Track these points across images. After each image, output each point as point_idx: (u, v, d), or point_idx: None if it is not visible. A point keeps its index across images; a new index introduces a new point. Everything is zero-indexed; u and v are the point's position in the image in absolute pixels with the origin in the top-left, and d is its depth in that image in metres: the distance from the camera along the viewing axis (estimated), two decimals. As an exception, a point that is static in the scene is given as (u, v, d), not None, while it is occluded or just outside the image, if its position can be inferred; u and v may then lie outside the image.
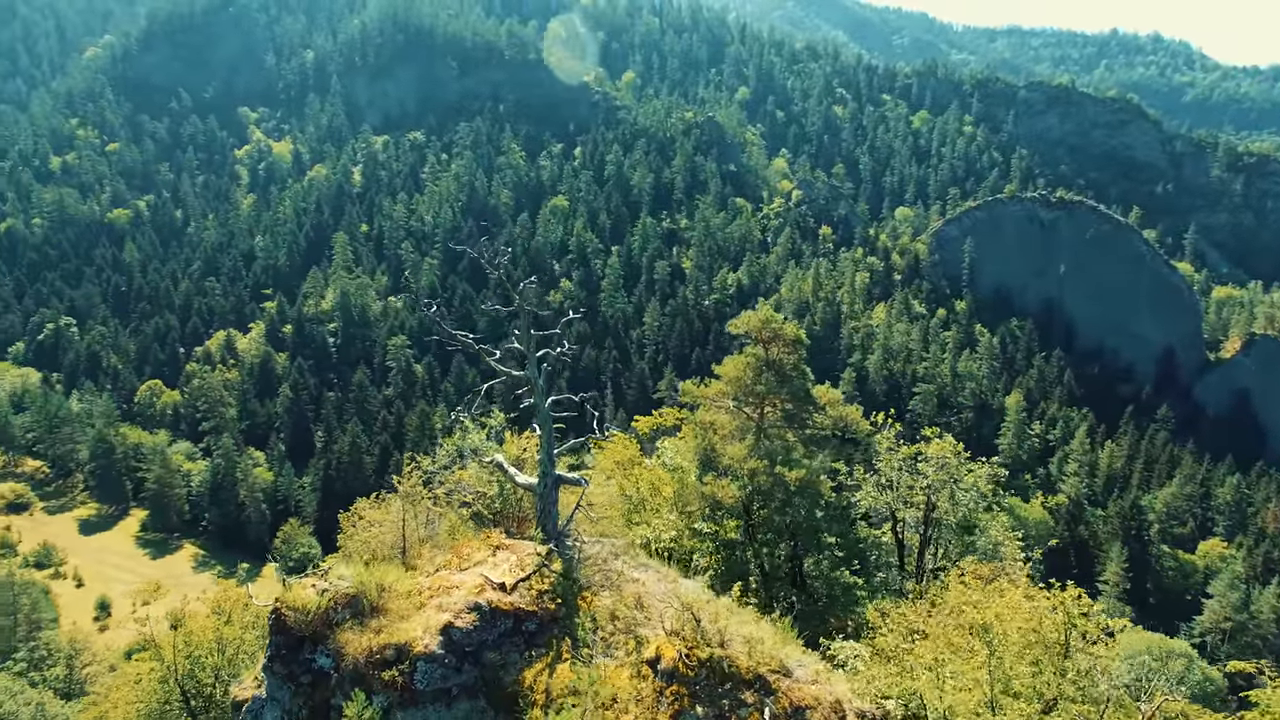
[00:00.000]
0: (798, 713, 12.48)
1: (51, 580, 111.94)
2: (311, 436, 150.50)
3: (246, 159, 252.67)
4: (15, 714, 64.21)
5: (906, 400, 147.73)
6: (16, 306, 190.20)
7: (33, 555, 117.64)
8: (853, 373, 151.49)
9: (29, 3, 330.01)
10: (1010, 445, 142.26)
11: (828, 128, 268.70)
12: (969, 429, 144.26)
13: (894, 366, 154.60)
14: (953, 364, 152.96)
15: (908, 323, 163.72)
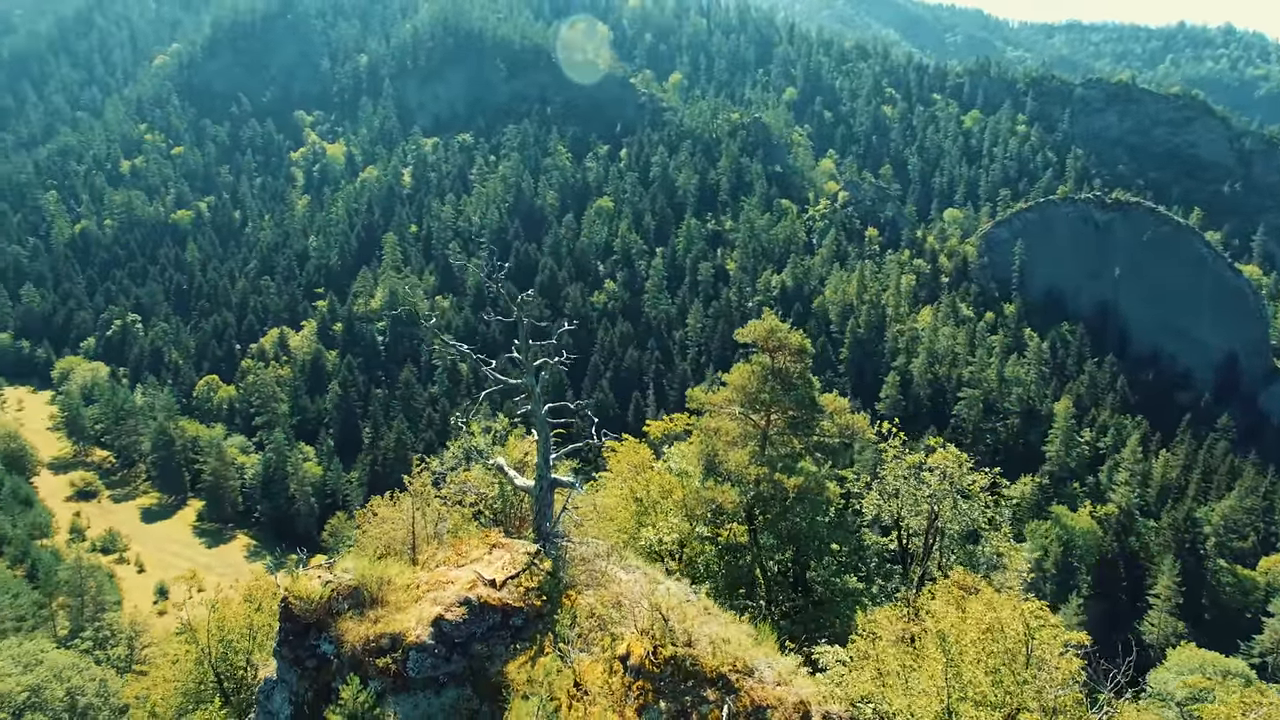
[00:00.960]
0: (758, 711, 13.06)
1: (116, 565, 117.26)
2: (359, 432, 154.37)
3: (302, 161, 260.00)
4: (81, 688, 68.04)
5: (951, 405, 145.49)
6: (88, 304, 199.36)
7: (99, 541, 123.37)
8: (896, 376, 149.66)
9: (105, 14, 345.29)
10: (1058, 452, 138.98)
11: (876, 128, 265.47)
12: (1015, 435, 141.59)
13: (939, 370, 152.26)
14: (999, 369, 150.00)
15: (954, 326, 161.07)
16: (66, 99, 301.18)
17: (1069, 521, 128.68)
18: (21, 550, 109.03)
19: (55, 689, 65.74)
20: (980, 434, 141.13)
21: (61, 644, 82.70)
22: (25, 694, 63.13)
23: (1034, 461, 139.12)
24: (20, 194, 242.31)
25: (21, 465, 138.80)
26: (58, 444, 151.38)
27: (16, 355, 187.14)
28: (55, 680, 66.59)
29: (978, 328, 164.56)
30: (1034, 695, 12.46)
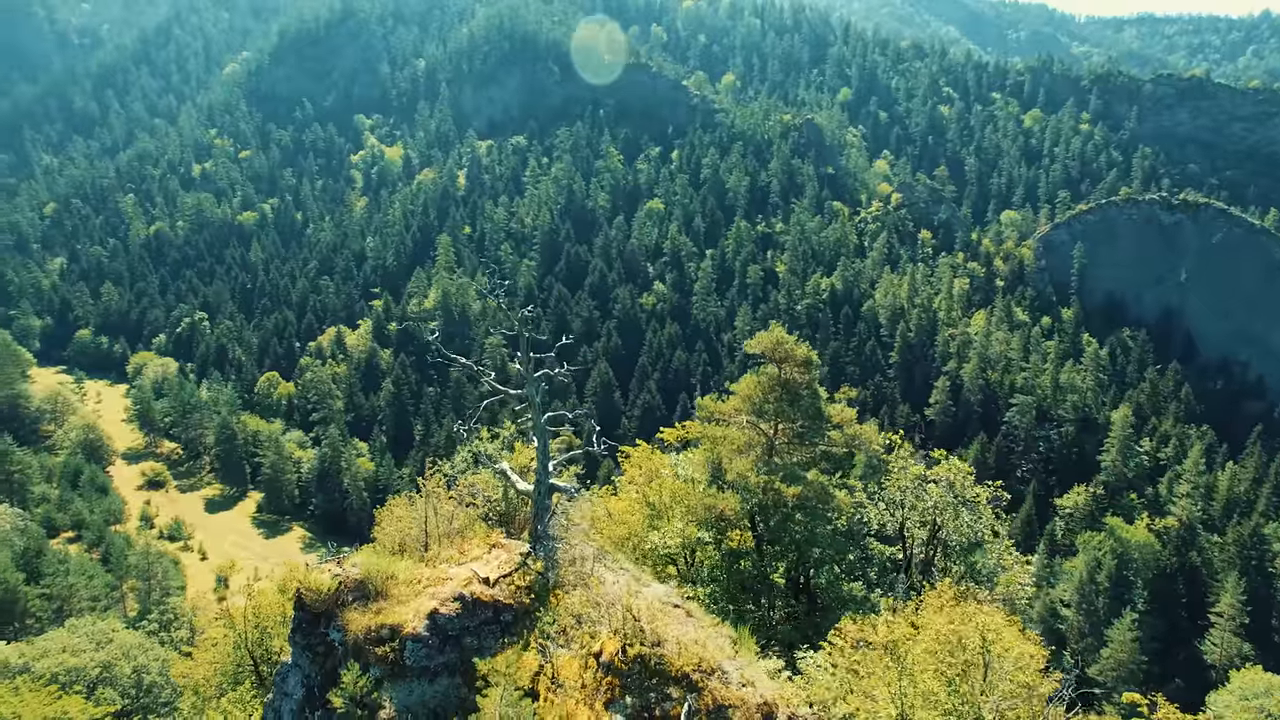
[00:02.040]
0: (720, 709, 13.80)
1: (181, 552, 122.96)
2: (411, 429, 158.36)
3: (361, 164, 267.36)
4: (147, 667, 71.93)
5: (1002, 412, 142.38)
6: (161, 301, 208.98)
7: (166, 528, 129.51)
8: (946, 381, 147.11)
9: (183, 26, 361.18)
10: (1114, 462, 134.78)
11: (932, 128, 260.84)
12: (1069, 443, 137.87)
13: (991, 376, 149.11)
14: (1054, 375, 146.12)
15: (1007, 331, 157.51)
16: (145, 107, 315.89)
17: (1124, 534, 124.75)
18: (98, 535, 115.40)
19: (123, 666, 69.53)
20: (1032, 442, 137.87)
21: (130, 624, 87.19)
22: (97, 669, 66.95)
23: (1088, 471, 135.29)
24: (102, 197, 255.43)
25: (99, 455, 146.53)
26: (131, 435, 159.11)
27: (96, 350, 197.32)
28: (124, 658, 70.43)
29: (1032, 333, 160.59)
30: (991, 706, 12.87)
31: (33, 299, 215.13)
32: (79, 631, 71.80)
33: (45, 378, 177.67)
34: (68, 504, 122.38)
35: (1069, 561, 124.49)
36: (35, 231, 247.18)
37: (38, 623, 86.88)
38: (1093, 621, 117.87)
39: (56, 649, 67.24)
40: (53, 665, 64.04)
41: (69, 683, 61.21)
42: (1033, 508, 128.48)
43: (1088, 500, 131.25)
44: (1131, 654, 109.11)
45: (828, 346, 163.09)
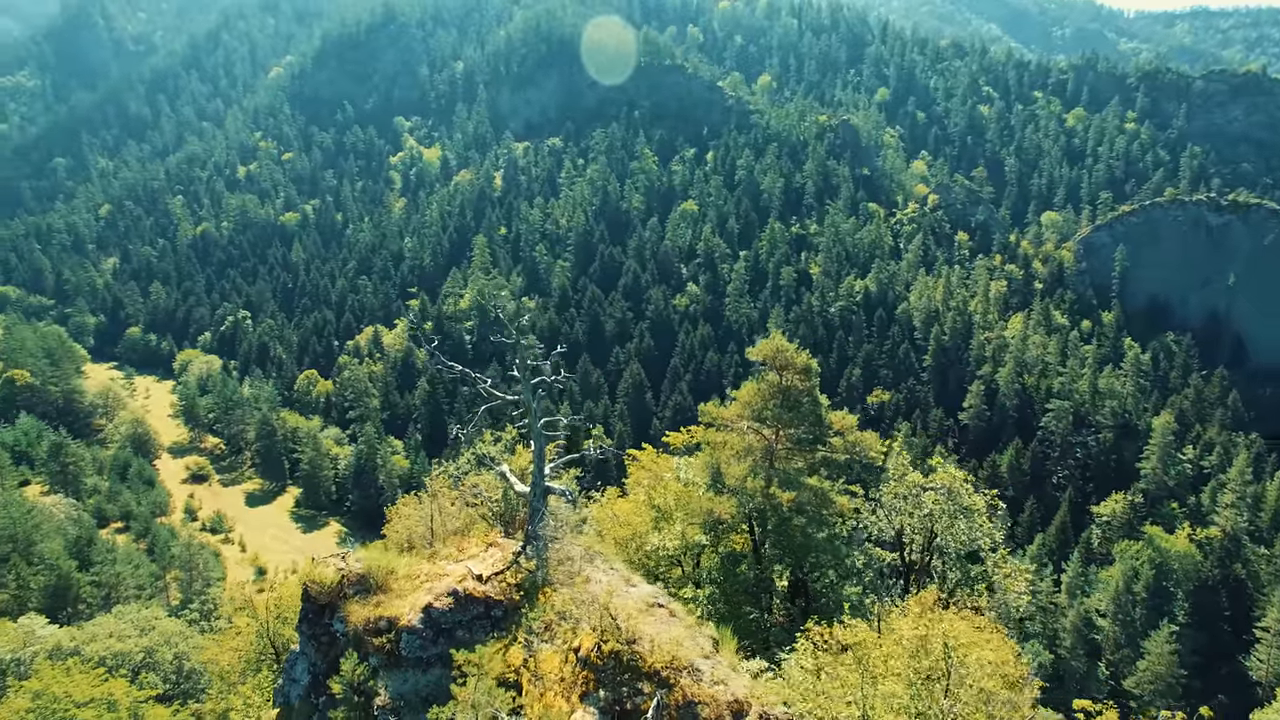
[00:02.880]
0: (689, 705, 14.42)
1: (221, 544, 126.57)
2: (445, 428, 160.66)
3: (399, 165, 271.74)
4: (187, 654, 74.62)
5: (1038, 417, 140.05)
6: (206, 300, 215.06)
7: (208, 521, 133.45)
8: (981, 385, 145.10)
9: (231, 31, 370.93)
10: (1154, 469, 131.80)
11: (971, 128, 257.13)
12: (1107, 450, 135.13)
13: (1027, 381, 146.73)
14: (1093, 380, 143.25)
15: (1044, 335, 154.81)
16: (195, 111, 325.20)
17: (1164, 543, 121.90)
18: (144, 526, 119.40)
19: (165, 653, 72.17)
20: (1069, 448, 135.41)
21: (172, 613, 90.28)
22: (141, 654, 69.63)
23: (1127, 479, 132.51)
24: (153, 199, 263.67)
25: (146, 449, 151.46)
26: (176, 430, 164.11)
27: (145, 347, 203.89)
28: (165, 645, 73.07)
29: (1070, 337, 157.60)
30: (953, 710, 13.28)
31: (88, 297, 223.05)
32: (125, 618, 74.57)
33: (98, 373, 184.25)
34: (117, 495, 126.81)
35: (1105, 570, 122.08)
36: (91, 232, 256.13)
37: (88, 608, 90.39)
38: (1129, 633, 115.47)
39: (104, 634, 69.88)
40: (100, 649, 66.60)
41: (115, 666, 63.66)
42: (1068, 515, 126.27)
43: (1126, 508, 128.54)
44: (1170, 667, 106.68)
45: (860, 349, 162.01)
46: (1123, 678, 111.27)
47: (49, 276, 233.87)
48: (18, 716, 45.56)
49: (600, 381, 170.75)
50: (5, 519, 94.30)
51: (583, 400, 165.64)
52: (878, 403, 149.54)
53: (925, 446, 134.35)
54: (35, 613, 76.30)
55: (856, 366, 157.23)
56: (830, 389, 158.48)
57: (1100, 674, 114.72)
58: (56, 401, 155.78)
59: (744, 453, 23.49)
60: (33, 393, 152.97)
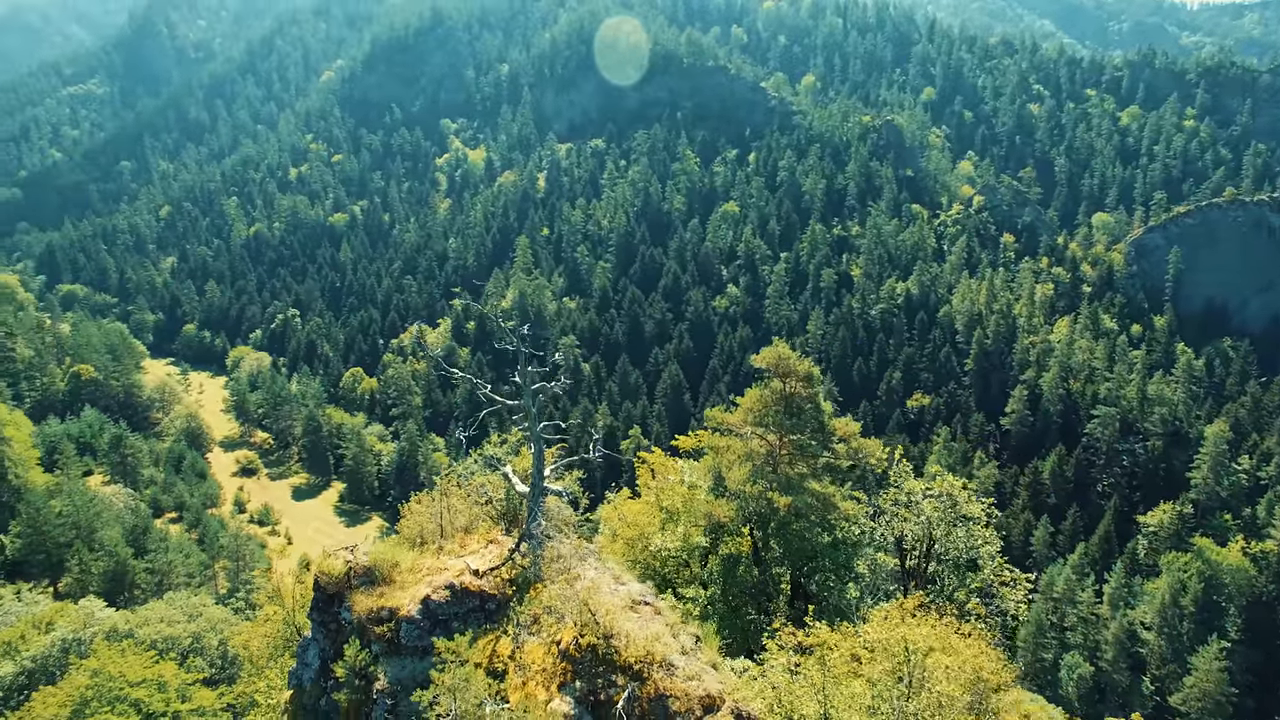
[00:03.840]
0: (660, 698, 15.13)
1: (268, 536, 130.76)
2: (485, 426, 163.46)
3: (445, 166, 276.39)
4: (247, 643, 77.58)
5: (1083, 423, 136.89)
6: (257, 298, 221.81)
7: (256, 513, 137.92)
8: (1024, 391, 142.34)
9: (285, 37, 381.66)
10: (1206, 479, 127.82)
11: (1020, 128, 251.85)
12: (1156, 458, 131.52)
13: (1072, 386, 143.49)
14: (1141, 386, 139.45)
15: (1091, 339, 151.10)
16: (249, 114, 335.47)
17: (1215, 556, 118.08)
18: (196, 517, 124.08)
19: (211, 638, 75.23)
20: (1115, 455, 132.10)
21: (220, 601, 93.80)
22: (189, 639, 72.71)
23: (1176, 488, 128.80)
24: (209, 200, 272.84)
25: (199, 442, 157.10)
26: (228, 425, 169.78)
27: (200, 344, 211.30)
28: (212, 631, 76.16)
29: (1119, 341, 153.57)
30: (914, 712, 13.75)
31: (148, 295, 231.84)
32: (175, 604, 77.78)
33: (156, 369, 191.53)
34: (171, 487, 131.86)
35: (1151, 582, 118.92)
36: (152, 233, 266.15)
37: (142, 594, 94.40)
38: (1176, 647, 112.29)
39: (156, 618, 72.92)
40: (152, 633, 69.58)
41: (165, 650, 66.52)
42: (1112, 524, 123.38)
43: (1174, 519, 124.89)
44: (1219, 685, 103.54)
45: (901, 352, 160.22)
46: (1169, 694, 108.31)
47: (113, 275, 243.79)
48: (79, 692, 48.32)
49: (639, 382, 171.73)
50: (70, 507, 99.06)
51: (621, 400, 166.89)
52: (917, 406, 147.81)
53: (965, 451, 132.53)
54: (95, 596, 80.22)
55: (897, 370, 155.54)
56: (869, 392, 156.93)
57: (1144, 689, 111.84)
58: (118, 395, 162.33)
59: (745, 457, 24.09)
60: (96, 387, 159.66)
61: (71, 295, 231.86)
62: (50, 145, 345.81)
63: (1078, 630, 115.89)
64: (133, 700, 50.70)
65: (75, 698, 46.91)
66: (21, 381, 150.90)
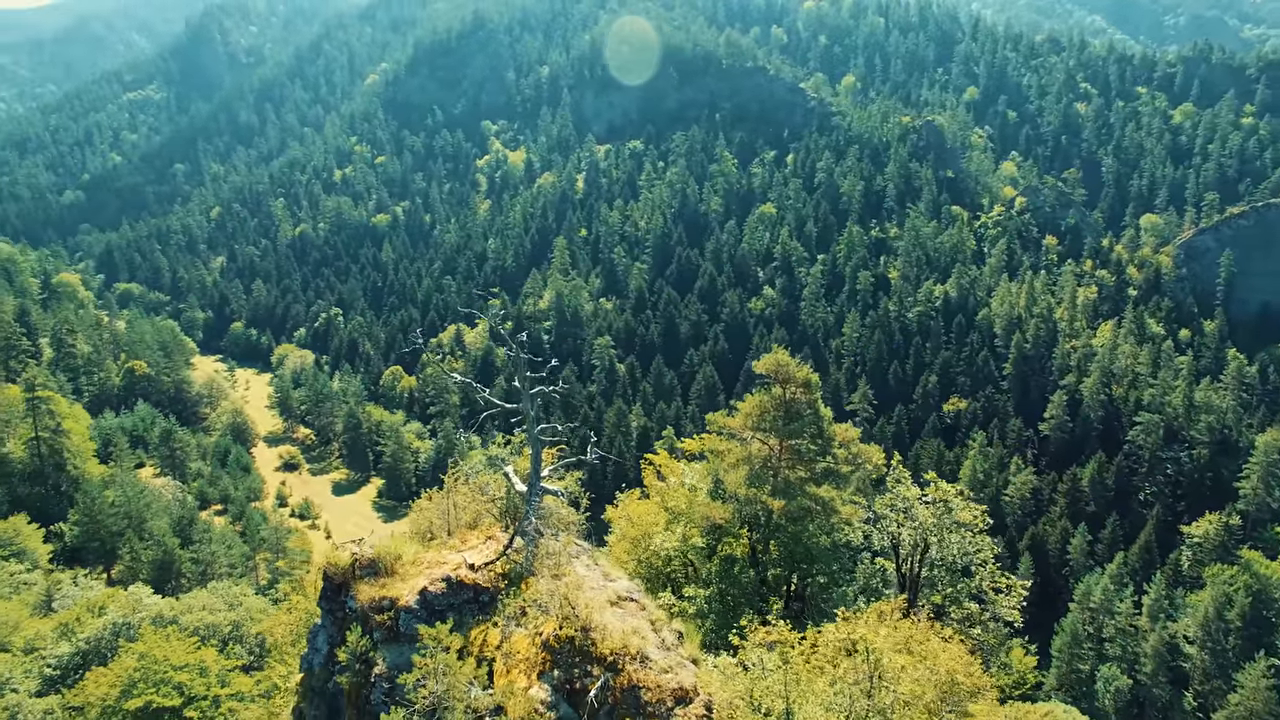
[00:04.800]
0: (633, 689, 15.88)
1: (308, 530, 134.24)
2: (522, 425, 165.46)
3: (486, 168, 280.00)
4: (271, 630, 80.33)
5: (1125, 430, 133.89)
6: (302, 298, 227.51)
7: (297, 508, 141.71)
8: (1064, 396, 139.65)
9: (332, 41, 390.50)
10: (1255, 490, 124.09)
11: (1066, 127, 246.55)
12: (1202, 467, 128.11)
13: (1115, 392, 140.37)
14: (1187, 392, 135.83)
15: (1135, 344, 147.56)
16: (297, 117, 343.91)
17: (1264, 569, 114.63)
18: (240, 510, 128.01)
19: (250, 627, 78.00)
20: (1158, 463, 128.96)
21: (259, 591, 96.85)
22: (229, 627, 75.45)
23: (1223, 498, 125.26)
24: (258, 201, 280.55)
25: (244, 437, 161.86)
26: (272, 421, 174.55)
27: (247, 341, 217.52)
28: (250, 620, 78.89)
29: (1164, 346, 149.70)
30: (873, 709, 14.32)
31: (198, 294, 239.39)
32: (217, 593, 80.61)
33: (204, 365, 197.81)
34: (217, 480, 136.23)
35: (1194, 595, 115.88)
36: (203, 233, 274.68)
37: (187, 582, 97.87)
38: (1220, 663, 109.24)
39: (198, 606, 75.67)
40: (195, 620, 72.28)
41: (206, 636, 69.09)
42: (1154, 533, 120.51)
43: (1220, 530, 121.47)
44: (1267, 704, 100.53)
45: (938, 356, 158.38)
46: (1212, 710, 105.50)
47: (166, 274, 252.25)
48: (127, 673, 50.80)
49: (673, 383, 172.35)
50: (122, 498, 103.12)
51: (655, 401, 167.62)
52: (954, 411, 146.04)
53: (1001, 457, 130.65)
54: (143, 583, 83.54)
55: (933, 373, 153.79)
56: (905, 396, 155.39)
57: (1186, 704, 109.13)
58: (168, 391, 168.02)
59: (743, 461, 24.73)
60: (149, 382, 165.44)
61: (128, 293, 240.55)
62: (111, 149, 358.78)
63: (1116, 642, 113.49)
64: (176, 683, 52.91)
65: (124, 678, 49.30)
66: (80, 376, 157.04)
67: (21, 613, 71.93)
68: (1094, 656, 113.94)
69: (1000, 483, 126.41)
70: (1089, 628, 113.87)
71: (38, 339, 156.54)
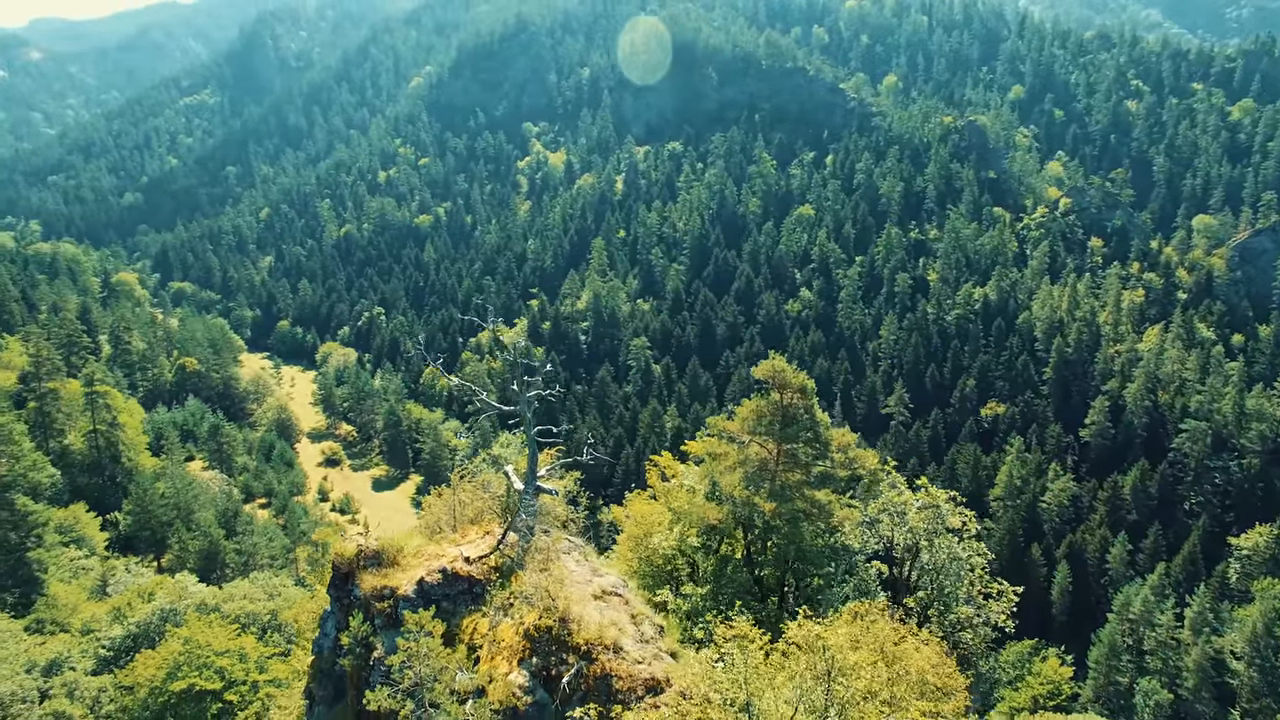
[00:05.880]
0: (605, 678, 16.83)
1: (349, 525, 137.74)
2: (557, 424, 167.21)
3: (526, 169, 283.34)
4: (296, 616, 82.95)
5: (1171, 437, 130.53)
6: (346, 297, 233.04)
7: (338, 502, 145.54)
8: (1106, 402, 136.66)
9: (378, 45, 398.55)
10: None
11: (1115, 126, 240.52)
12: (1252, 477, 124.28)
13: (1162, 398, 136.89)
14: (1238, 399, 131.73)
15: (1182, 349, 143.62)
16: (343, 120, 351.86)
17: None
18: (283, 503, 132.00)
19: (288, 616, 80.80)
20: (1205, 472, 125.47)
21: (299, 582, 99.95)
22: (269, 616, 78.30)
23: (1275, 509, 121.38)
24: (305, 202, 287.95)
25: (289, 433, 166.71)
26: (315, 417, 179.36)
27: (293, 339, 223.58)
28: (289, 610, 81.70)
29: (1214, 352, 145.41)
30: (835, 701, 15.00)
31: (247, 292, 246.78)
32: (258, 583, 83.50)
33: (252, 362, 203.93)
34: (262, 474, 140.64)
35: (1242, 609, 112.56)
36: (252, 233, 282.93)
37: (231, 572, 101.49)
38: (1270, 680, 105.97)
39: (239, 595, 78.55)
40: (236, 609, 75.08)
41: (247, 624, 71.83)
42: (1198, 544, 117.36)
43: (1271, 542, 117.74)
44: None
45: (976, 359, 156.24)
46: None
47: (217, 273, 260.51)
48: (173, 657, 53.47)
49: (709, 384, 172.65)
50: (172, 490, 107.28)
51: (690, 402, 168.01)
52: (991, 415, 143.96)
53: (1039, 463, 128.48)
54: (189, 572, 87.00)
55: (971, 377, 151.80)
56: (942, 400, 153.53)
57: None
58: (217, 387, 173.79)
59: (738, 464, 25.47)
60: (199, 378, 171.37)
61: (181, 292, 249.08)
62: (168, 152, 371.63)
63: (1157, 655, 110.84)
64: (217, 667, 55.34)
65: (170, 661, 51.83)
66: (135, 372, 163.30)
67: (80, 596, 75.65)
68: (1133, 669, 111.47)
69: (1038, 489, 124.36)
70: (1128, 639, 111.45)
71: (97, 336, 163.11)
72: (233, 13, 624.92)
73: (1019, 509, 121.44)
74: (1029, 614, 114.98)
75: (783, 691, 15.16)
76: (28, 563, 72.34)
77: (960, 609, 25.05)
